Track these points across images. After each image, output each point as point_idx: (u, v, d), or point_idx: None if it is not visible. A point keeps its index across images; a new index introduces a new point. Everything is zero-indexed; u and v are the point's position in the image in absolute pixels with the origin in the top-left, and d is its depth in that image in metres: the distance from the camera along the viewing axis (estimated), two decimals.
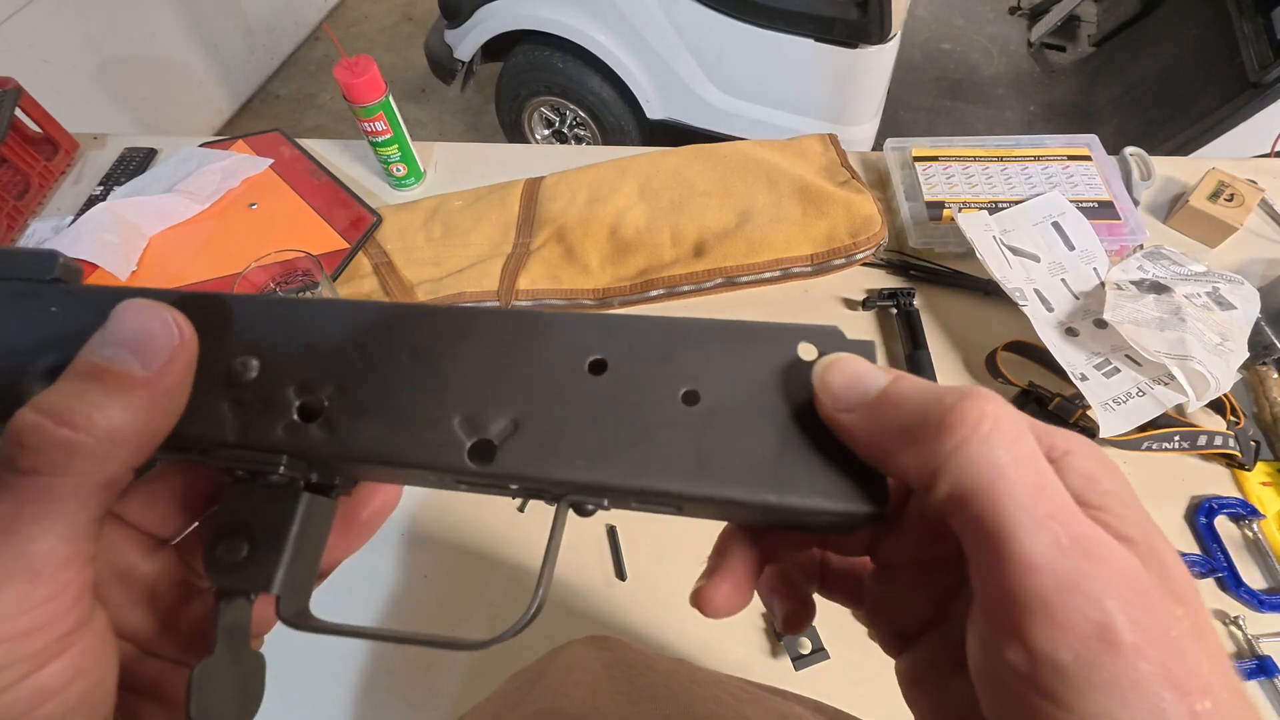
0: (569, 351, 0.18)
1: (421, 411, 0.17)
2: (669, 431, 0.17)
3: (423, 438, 0.17)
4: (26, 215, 0.87)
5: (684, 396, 0.17)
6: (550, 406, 0.17)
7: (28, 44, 1.67)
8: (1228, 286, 0.69)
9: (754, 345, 0.18)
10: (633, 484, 0.17)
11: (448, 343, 0.18)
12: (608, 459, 0.17)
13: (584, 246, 0.76)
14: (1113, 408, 0.62)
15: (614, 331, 0.18)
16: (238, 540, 0.17)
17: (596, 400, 0.17)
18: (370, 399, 0.18)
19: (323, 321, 0.18)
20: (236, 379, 0.18)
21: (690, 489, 0.16)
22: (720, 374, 0.17)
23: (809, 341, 0.17)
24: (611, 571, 0.60)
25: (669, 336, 0.18)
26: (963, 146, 0.84)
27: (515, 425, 0.17)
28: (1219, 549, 0.59)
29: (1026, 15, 2.33)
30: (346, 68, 0.76)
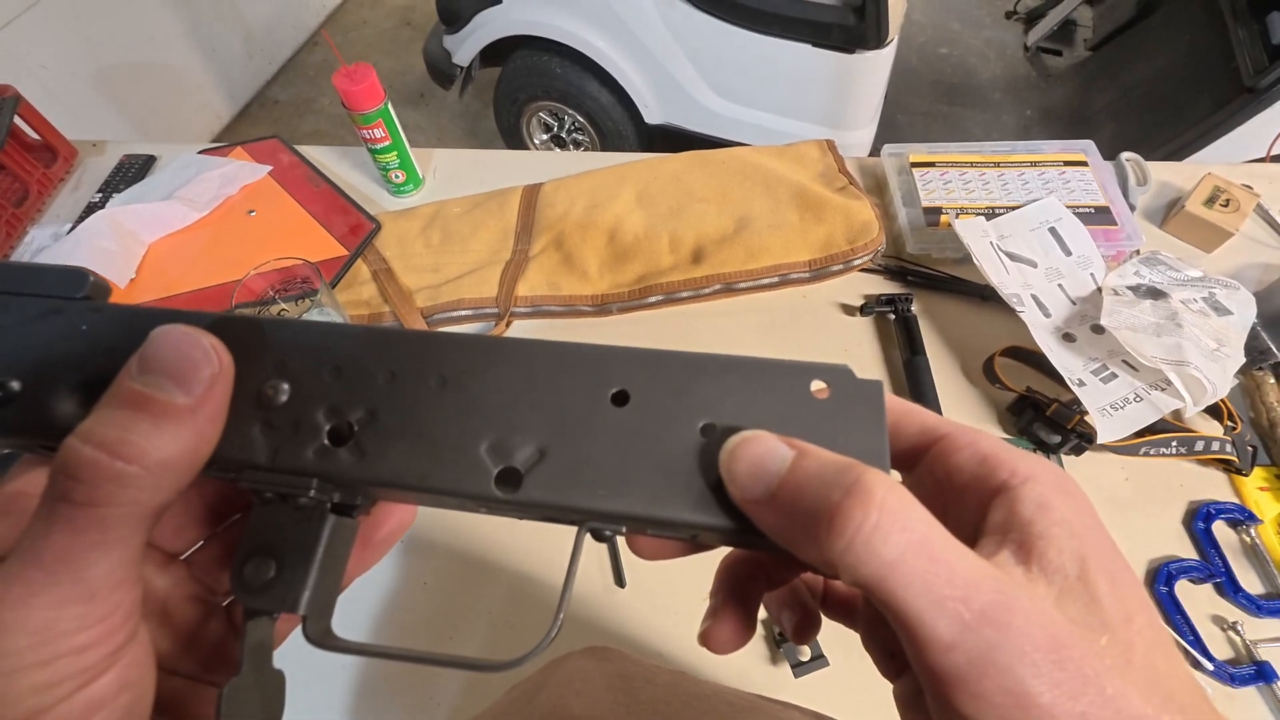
0: (592, 382, 0.18)
1: (450, 438, 0.18)
2: (688, 463, 0.17)
3: (450, 464, 0.18)
4: (25, 222, 0.87)
5: (703, 429, 0.18)
6: (574, 436, 0.18)
7: (26, 50, 1.67)
8: (1224, 292, 0.69)
9: (769, 380, 0.18)
10: (654, 514, 0.17)
11: (476, 370, 0.18)
12: (629, 489, 0.17)
13: (582, 253, 0.76)
14: (1110, 413, 0.62)
15: (636, 364, 0.18)
16: (265, 561, 0.18)
17: (618, 431, 0.18)
18: (399, 424, 0.18)
19: (352, 345, 0.18)
20: (268, 402, 0.18)
21: (714, 522, 0.17)
22: (737, 408, 0.18)
23: (821, 379, 0.18)
24: (611, 579, 0.60)
25: (688, 370, 0.18)
26: (960, 152, 0.84)
27: (541, 454, 0.17)
28: (1217, 554, 0.59)
29: (1023, 20, 2.35)
30: (345, 75, 0.76)
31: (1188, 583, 0.58)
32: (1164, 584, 0.58)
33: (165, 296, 0.75)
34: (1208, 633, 0.56)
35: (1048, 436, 0.64)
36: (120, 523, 0.15)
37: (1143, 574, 0.59)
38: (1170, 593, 0.57)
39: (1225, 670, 0.54)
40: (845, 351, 0.73)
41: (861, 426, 0.17)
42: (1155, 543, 0.61)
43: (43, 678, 0.14)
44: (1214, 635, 0.56)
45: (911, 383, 0.69)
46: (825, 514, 0.15)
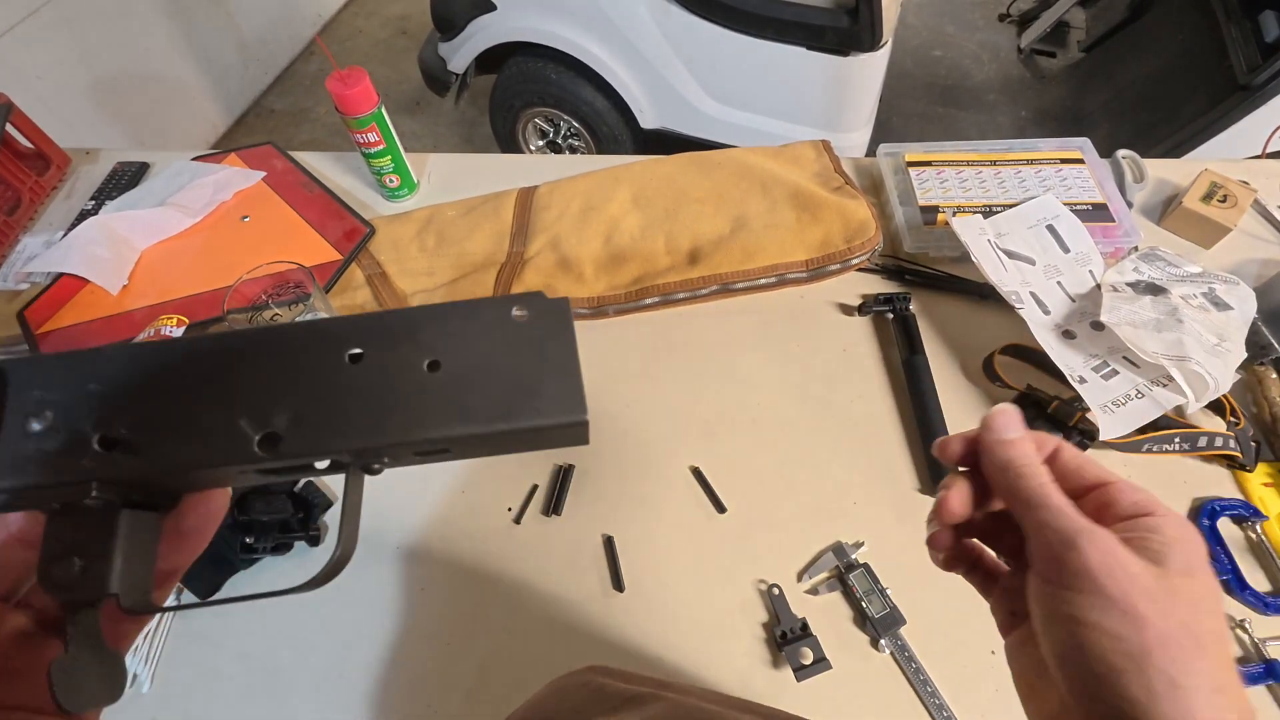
0: (329, 350, 0.21)
1: (212, 421, 0.20)
2: (422, 394, 0.21)
3: (216, 442, 0.20)
4: (18, 231, 0.86)
5: (429, 366, 0.21)
6: (322, 395, 0.21)
7: (22, 60, 1.67)
8: (1224, 287, 0.69)
9: (477, 316, 0.22)
10: (399, 439, 0.21)
11: (225, 364, 0.21)
12: (375, 425, 0.21)
13: (578, 255, 0.76)
14: (1112, 410, 0.61)
15: (364, 327, 0.22)
16: (69, 561, 0.20)
17: (360, 383, 0.21)
18: (166, 420, 0.20)
19: (108, 365, 0.21)
20: (33, 431, 0.20)
21: (445, 433, 0.21)
22: (454, 344, 0.21)
23: (519, 306, 0.22)
24: (609, 583, 0.59)
25: (408, 323, 0.22)
26: (955, 151, 0.84)
27: (295, 416, 0.21)
28: (1223, 552, 0.58)
29: (1016, 22, 2.35)
30: (339, 79, 0.76)
31: None
32: None
33: (159, 303, 0.74)
34: None
35: (1049, 434, 0.63)
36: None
37: None
38: None
39: None
40: (844, 351, 0.72)
41: (555, 330, 0.22)
42: None
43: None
44: None
45: (911, 382, 0.68)
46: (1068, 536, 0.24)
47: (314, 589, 0.21)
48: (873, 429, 0.67)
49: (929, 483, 0.63)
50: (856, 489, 0.64)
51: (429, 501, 0.64)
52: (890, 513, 0.62)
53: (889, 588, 0.58)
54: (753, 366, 0.72)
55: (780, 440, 0.67)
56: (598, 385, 0.71)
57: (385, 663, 0.57)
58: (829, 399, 0.69)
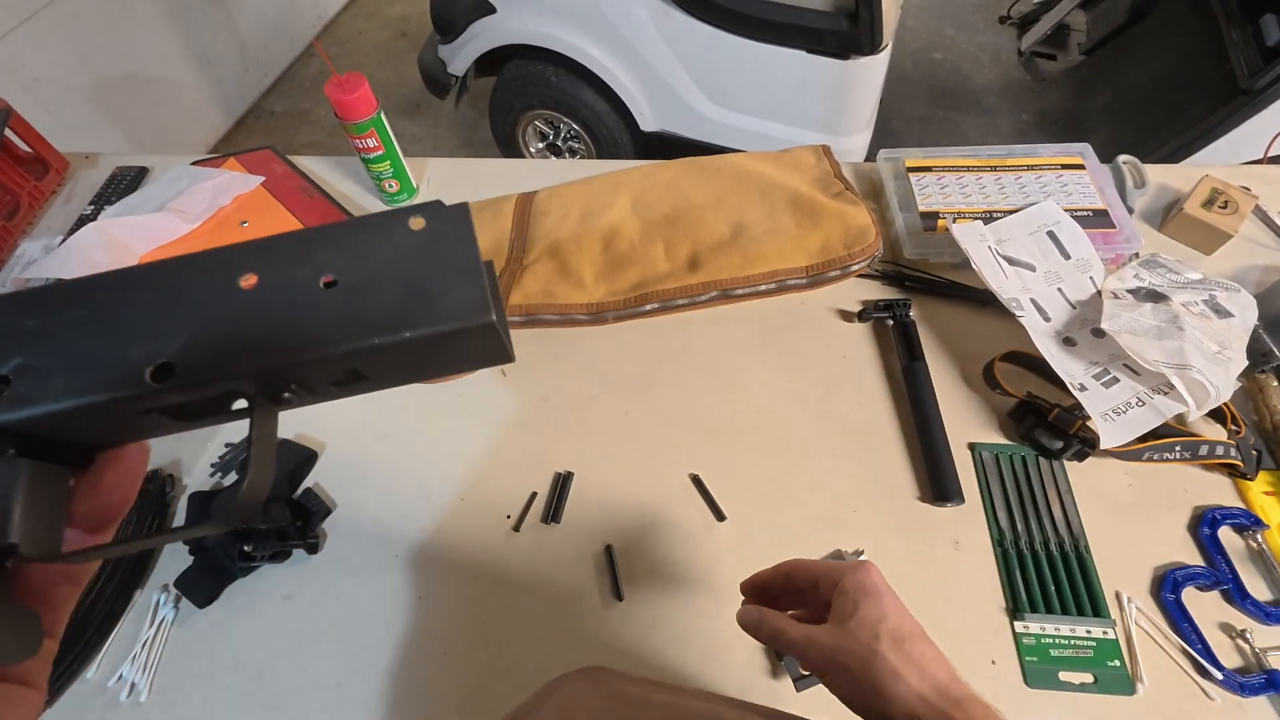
0: (221, 277, 0.21)
1: (100, 358, 0.20)
2: (319, 313, 0.20)
3: (106, 378, 0.20)
4: (16, 235, 0.86)
5: (325, 285, 0.21)
6: (216, 322, 0.20)
7: (21, 62, 1.67)
8: (1225, 294, 0.68)
9: (374, 231, 0.21)
10: (298, 359, 0.20)
11: (112, 302, 0.20)
12: (274, 347, 0.20)
13: (577, 261, 0.76)
14: (1113, 418, 0.61)
15: (256, 252, 0.21)
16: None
17: (254, 308, 0.20)
18: (51, 362, 0.20)
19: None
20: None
21: (343, 348, 0.20)
22: (351, 260, 0.21)
23: (415, 215, 0.22)
24: (609, 592, 0.59)
25: (303, 243, 0.21)
26: (956, 156, 0.84)
27: (189, 343, 0.20)
28: (1224, 561, 0.58)
29: (1016, 24, 2.35)
30: (337, 85, 0.76)
31: (1195, 590, 0.57)
32: (1170, 591, 0.57)
33: None
34: (1216, 641, 0.55)
35: (1049, 442, 0.63)
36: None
37: (1148, 580, 0.58)
38: (1177, 600, 0.57)
39: (1235, 679, 0.53)
40: (843, 358, 0.72)
41: (457, 237, 0.21)
42: (1160, 549, 0.60)
43: None
44: (1223, 643, 0.55)
45: (911, 389, 0.68)
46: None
47: (229, 525, 0.21)
48: (872, 436, 0.67)
49: (929, 492, 0.63)
50: (856, 497, 0.63)
51: (427, 509, 0.64)
52: (889, 521, 0.62)
53: None
54: (752, 373, 0.72)
55: (780, 447, 0.67)
56: (598, 391, 0.71)
57: (383, 671, 0.56)
58: (829, 406, 0.69)
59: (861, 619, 0.36)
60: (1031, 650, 0.55)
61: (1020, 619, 0.56)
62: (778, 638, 0.40)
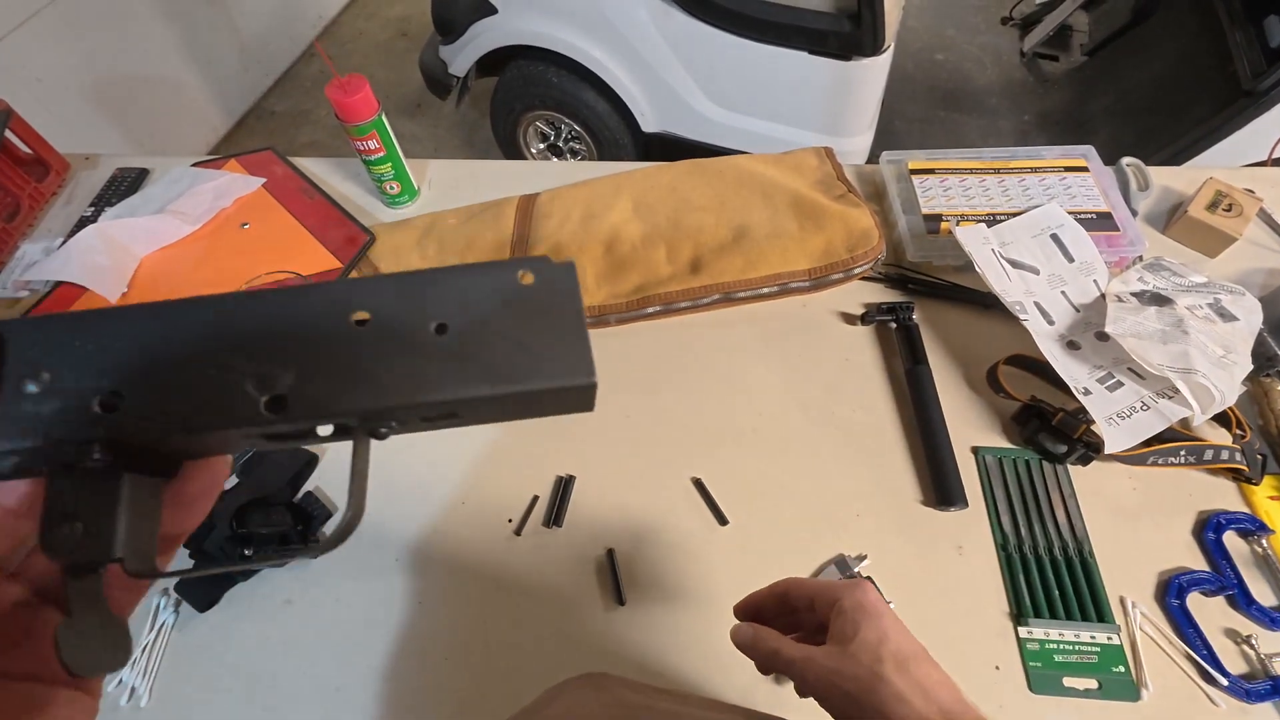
0: (335, 312, 0.21)
1: (217, 382, 0.20)
2: (430, 357, 0.21)
3: (222, 403, 0.20)
4: (17, 237, 0.86)
5: (436, 329, 0.21)
6: (328, 358, 0.20)
7: (21, 63, 1.67)
8: (1229, 298, 0.68)
9: (484, 279, 0.22)
10: (405, 401, 0.20)
11: (231, 324, 0.21)
12: (382, 387, 0.20)
13: (579, 263, 0.75)
14: (1117, 422, 0.61)
15: (369, 290, 0.21)
16: (70, 524, 0.20)
17: (365, 346, 0.21)
18: (169, 382, 0.20)
19: (109, 326, 0.20)
20: (31, 391, 0.20)
21: (452, 396, 0.20)
22: (461, 306, 0.21)
23: (525, 269, 0.22)
24: (610, 596, 0.59)
25: (414, 286, 0.21)
26: (959, 159, 0.84)
27: (301, 377, 0.20)
28: (1229, 566, 0.58)
29: (1018, 25, 2.35)
30: (338, 87, 0.75)
31: (1199, 595, 0.57)
32: (1175, 597, 0.57)
33: None
34: (1221, 646, 0.55)
35: (1053, 446, 0.63)
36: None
37: (1152, 586, 0.58)
38: (1182, 605, 0.56)
39: (1240, 685, 0.52)
40: (846, 361, 0.72)
41: (563, 294, 0.22)
42: (1165, 554, 0.59)
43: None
44: (1228, 649, 0.55)
45: (914, 392, 0.68)
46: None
47: (324, 553, 0.21)
48: (875, 440, 0.67)
49: (932, 496, 0.62)
50: (859, 501, 0.63)
51: (428, 512, 0.64)
52: (893, 525, 0.62)
53: (892, 601, 0.57)
54: (754, 376, 0.71)
55: (782, 451, 0.66)
56: (600, 394, 0.70)
57: (383, 675, 0.56)
58: (831, 409, 0.69)
59: (863, 641, 0.35)
60: (1035, 655, 0.55)
61: (1024, 624, 0.56)
62: (774, 657, 0.38)
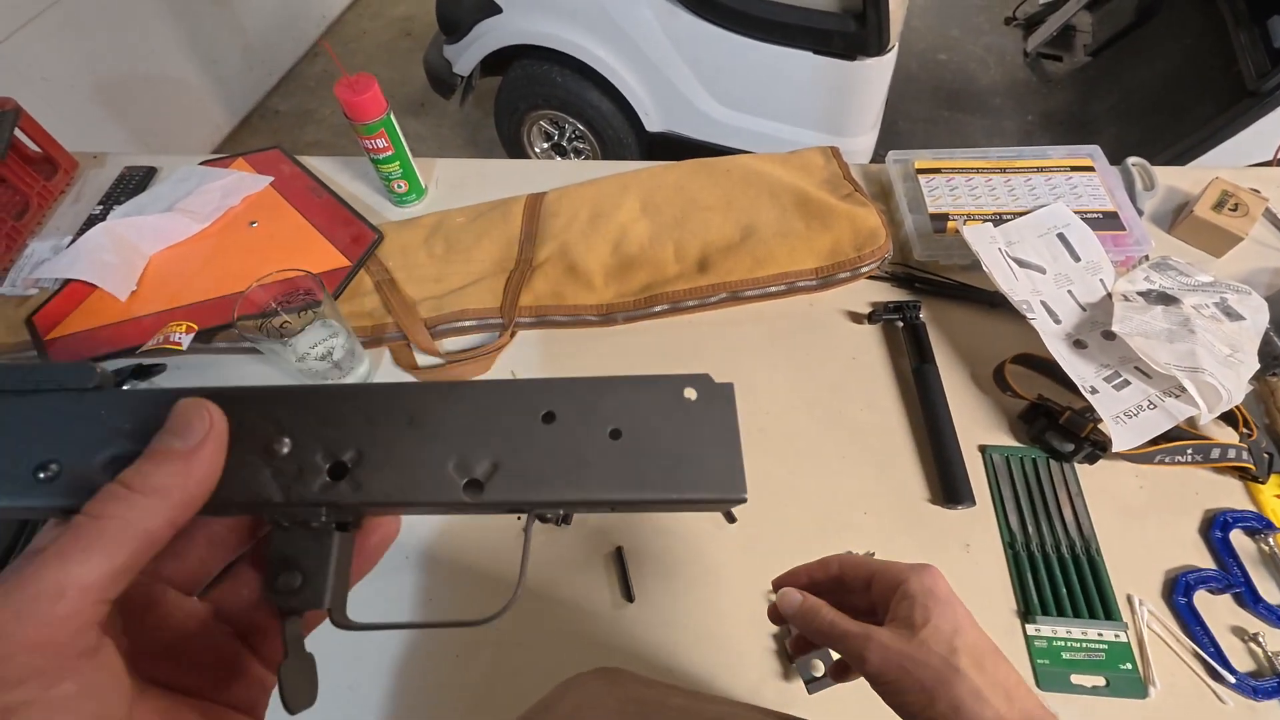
0: (528, 408, 0.24)
1: (424, 462, 0.23)
2: (604, 461, 0.23)
3: (428, 482, 0.23)
4: (25, 235, 0.86)
5: (610, 434, 0.23)
6: (518, 449, 0.23)
7: (27, 61, 1.67)
8: (1235, 297, 0.68)
9: (653, 391, 0.24)
10: (581, 498, 0.23)
11: (437, 409, 0.23)
12: (563, 483, 0.23)
13: (587, 262, 0.76)
14: (1124, 421, 0.61)
15: (559, 391, 0.24)
16: (292, 573, 0.22)
17: (550, 442, 0.23)
18: (383, 457, 0.23)
19: (338, 401, 0.24)
20: (274, 453, 0.23)
21: (620, 497, 0.23)
22: (633, 416, 0.24)
23: (690, 387, 0.24)
24: (619, 593, 0.59)
25: (596, 390, 0.24)
26: (965, 159, 0.84)
27: (495, 466, 0.23)
28: (1235, 564, 0.58)
29: (1022, 25, 2.35)
30: (347, 86, 0.76)
31: (1206, 593, 0.57)
32: (1182, 594, 0.57)
33: (167, 309, 0.74)
34: (1228, 644, 0.55)
35: (1060, 445, 0.63)
36: (113, 535, 0.18)
37: (1159, 584, 0.58)
38: (1189, 603, 0.56)
39: (1248, 683, 0.53)
40: (853, 360, 0.72)
41: (721, 411, 0.24)
42: (1172, 552, 0.60)
43: (6, 671, 0.16)
44: (1235, 647, 0.55)
45: (921, 391, 0.68)
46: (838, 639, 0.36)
47: (491, 622, 0.24)
48: (882, 438, 0.67)
49: (939, 494, 0.63)
50: (866, 499, 0.63)
51: None
52: (901, 523, 0.62)
53: None
54: (762, 375, 0.72)
55: (789, 449, 0.67)
56: None
57: (395, 673, 0.56)
58: (838, 408, 0.69)
59: (936, 629, 0.33)
60: (1043, 653, 0.55)
61: (1031, 621, 0.56)
62: (830, 630, 0.36)
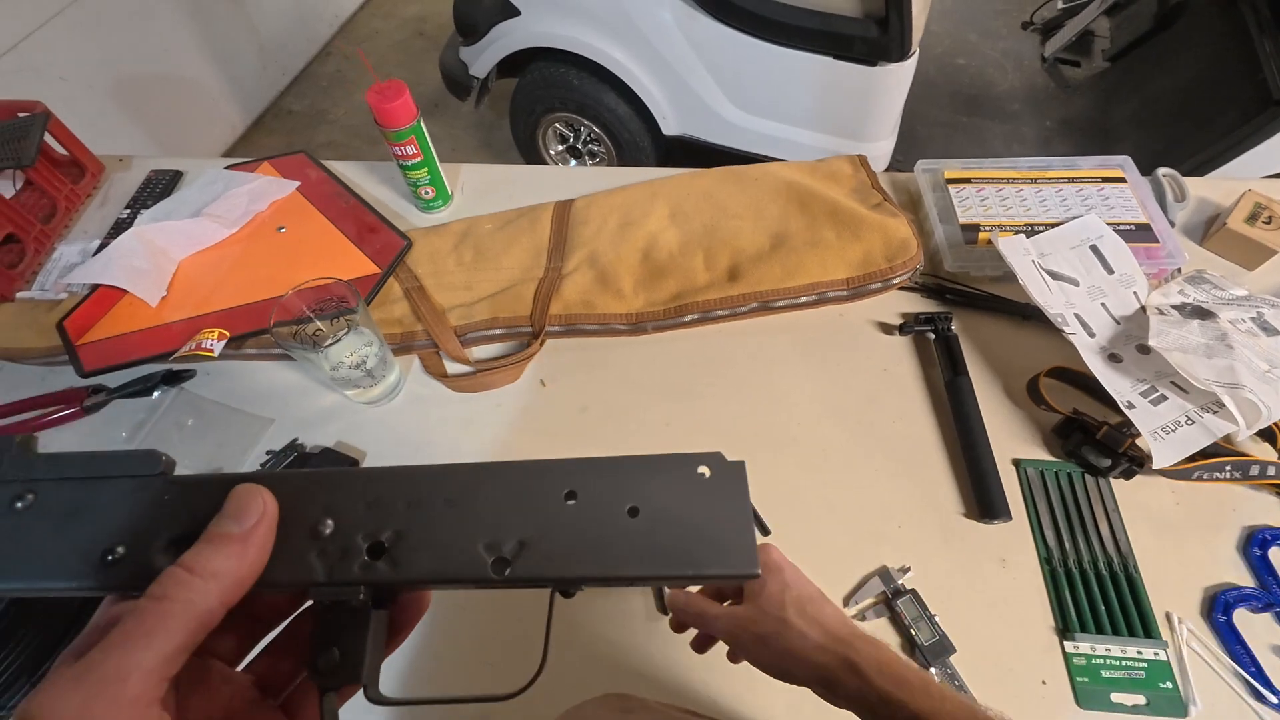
0: (551, 488, 0.25)
1: (457, 542, 0.24)
2: (624, 539, 0.24)
3: (459, 561, 0.24)
4: (53, 238, 0.86)
5: (629, 511, 0.24)
6: (543, 527, 0.24)
7: (46, 62, 1.68)
8: (1272, 311, 0.68)
9: (669, 470, 0.25)
10: (603, 575, 0.24)
11: (466, 490, 0.25)
12: (585, 561, 0.24)
13: (616, 270, 0.76)
14: (1163, 436, 0.61)
15: (580, 470, 0.25)
16: (331, 650, 0.23)
17: (572, 520, 0.24)
18: (420, 537, 0.24)
19: (377, 485, 0.25)
20: (319, 534, 0.24)
21: (639, 574, 0.24)
22: (650, 493, 0.25)
23: (704, 465, 0.25)
24: (652, 605, 0.59)
25: (615, 470, 0.25)
26: (995, 168, 0.83)
27: (521, 544, 0.24)
28: (1275, 582, 0.58)
29: (1040, 30, 2.34)
30: (378, 92, 0.76)
31: (1246, 611, 0.57)
32: (1221, 613, 0.56)
33: (197, 315, 0.74)
34: (1270, 664, 0.54)
35: (1097, 460, 0.62)
36: (175, 615, 0.20)
37: (1198, 601, 0.58)
38: (1229, 621, 0.56)
39: None
40: (884, 371, 0.72)
41: (733, 489, 0.25)
42: (1209, 570, 0.59)
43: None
44: (1276, 666, 0.54)
45: (954, 404, 0.68)
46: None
47: (515, 698, 0.24)
48: (915, 451, 0.67)
49: (974, 508, 0.62)
50: (900, 512, 0.63)
51: None
52: (936, 537, 0.62)
53: (937, 614, 0.57)
54: (793, 386, 0.71)
55: (822, 461, 0.66)
56: (637, 402, 0.71)
57: (423, 681, 0.56)
58: (870, 419, 0.69)
59: (769, 594, 0.42)
60: (1082, 670, 0.55)
61: (1070, 639, 0.56)
62: (702, 616, 0.44)
